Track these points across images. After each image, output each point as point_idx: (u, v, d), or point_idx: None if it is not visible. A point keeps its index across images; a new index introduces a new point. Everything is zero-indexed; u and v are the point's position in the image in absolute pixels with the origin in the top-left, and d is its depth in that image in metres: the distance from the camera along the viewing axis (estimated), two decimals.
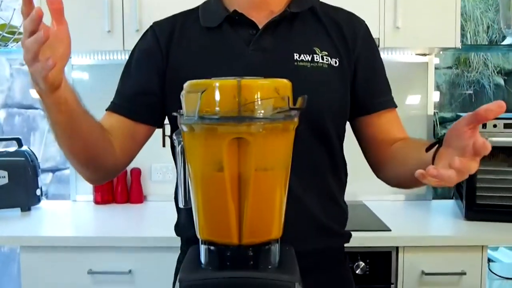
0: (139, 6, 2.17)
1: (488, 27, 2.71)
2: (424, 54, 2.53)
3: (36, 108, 2.81)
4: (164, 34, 1.21)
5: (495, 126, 2.09)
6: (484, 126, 2.09)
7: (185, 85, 0.81)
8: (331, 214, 1.19)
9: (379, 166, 1.25)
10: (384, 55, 2.49)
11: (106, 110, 1.23)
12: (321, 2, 1.26)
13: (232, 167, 0.77)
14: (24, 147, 2.45)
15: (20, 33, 2.38)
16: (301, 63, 1.14)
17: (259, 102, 0.74)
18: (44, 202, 2.53)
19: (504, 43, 2.39)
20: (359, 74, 1.21)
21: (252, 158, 0.76)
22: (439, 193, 2.82)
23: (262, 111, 0.75)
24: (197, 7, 1.26)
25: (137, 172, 2.56)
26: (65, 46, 0.91)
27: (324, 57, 1.16)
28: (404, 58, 2.55)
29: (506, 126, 2.08)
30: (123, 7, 2.18)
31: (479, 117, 0.83)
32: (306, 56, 1.15)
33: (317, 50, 1.16)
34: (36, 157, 2.45)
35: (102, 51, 2.33)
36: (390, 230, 1.97)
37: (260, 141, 0.76)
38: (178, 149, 0.89)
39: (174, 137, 0.91)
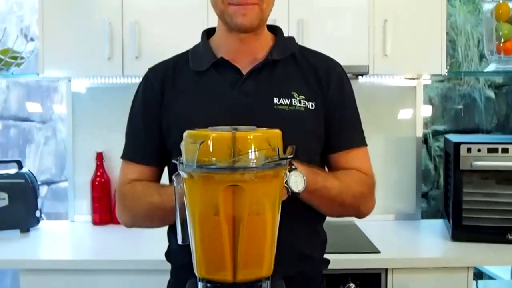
0: (138, 34, 2.24)
1: (478, 41, 2.76)
2: (413, 78, 2.62)
3: (32, 121, 2.84)
4: (158, 80, 1.33)
5: (479, 150, 2.17)
6: (469, 150, 2.17)
7: (184, 135, 0.89)
8: (309, 242, 1.30)
9: None
10: (373, 79, 2.60)
11: (124, 158, 1.38)
12: (300, 46, 1.38)
13: (228, 212, 0.84)
14: (24, 169, 2.51)
15: (22, 58, 2.45)
16: (280, 107, 1.25)
17: (252, 155, 0.82)
18: (43, 223, 2.58)
19: (488, 69, 2.47)
20: (330, 115, 1.31)
21: (246, 203, 0.84)
22: (428, 212, 2.89)
23: (255, 161, 0.83)
24: (187, 51, 1.38)
25: None
26: None
27: (302, 101, 1.27)
28: (393, 82, 2.63)
29: (489, 150, 2.16)
30: (122, 34, 2.25)
31: None
32: (285, 100, 1.26)
33: (295, 95, 1.27)
34: (36, 179, 2.51)
35: (102, 76, 2.40)
36: (379, 252, 2.04)
37: (253, 187, 0.84)
38: (177, 189, 0.96)
39: (173, 178, 0.98)
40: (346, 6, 2.25)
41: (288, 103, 1.26)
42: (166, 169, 1.38)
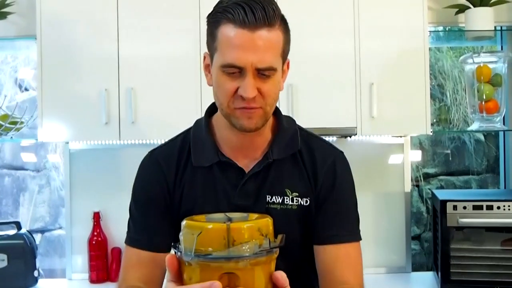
0: (134, 100, 2.34)
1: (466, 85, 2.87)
2: (400, 136, 2.72)
3: (26, 169, 2.89)
4: (161, 172, 1.33)
5: (464, 208, 2.25)
6: (455, 208, 2.25)
7: (183, 224, 0.96)
8: None
9: None
10: (362, 138, 2.70)
11: (128, 244, 1.35)
12: (299, 130, 1.36)
13: None
14: (23, 230, 2.57)
15: (22, 123, 2.53)
16: (272, 206, 1.28)
17: (246, 246, 0.89)
18: (41, 282, 2.61)
19: (471, 127, 2.56)
20: (318, 209, 1.31)
21: None
22: (421, 255, 2.93)
23: (248, 249, 0.90)
24: (189, 134, 1.36)
25: None
26: None
27: (295, 198, 1.29)
28: (381, 140, 2.73)
29: (474, 207, 2.25)
30: (119, 101, 2.35)
31: None
32: (277, 198, 1.28)
33: (288, 192, 1.29)
34: (34, 240, 2.57)
35: (99, 139, 2.49)
36: None
37: (246, 274, 0.91)
38: None
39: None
40: (333, 71, 2.36)
41: (280, 201, 1.28)
42: None
